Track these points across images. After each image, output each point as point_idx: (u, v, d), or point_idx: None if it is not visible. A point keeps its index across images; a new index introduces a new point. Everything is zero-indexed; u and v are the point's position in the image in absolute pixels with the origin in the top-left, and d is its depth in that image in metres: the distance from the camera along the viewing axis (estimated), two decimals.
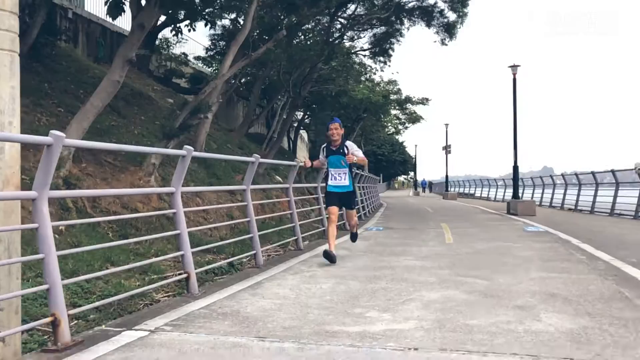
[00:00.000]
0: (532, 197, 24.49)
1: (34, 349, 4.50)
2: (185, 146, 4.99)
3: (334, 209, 7.07)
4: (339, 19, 18.77)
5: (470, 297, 4.86)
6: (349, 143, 7.10)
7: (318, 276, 5.92)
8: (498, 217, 16.30)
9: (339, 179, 7.02)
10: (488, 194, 36.93)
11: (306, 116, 29.47)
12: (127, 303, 5.57)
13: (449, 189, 42.41)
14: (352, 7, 18.48)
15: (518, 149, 19.14)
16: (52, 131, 3.29)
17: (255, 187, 7.44)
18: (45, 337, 4.91)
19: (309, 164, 7.54)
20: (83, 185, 9.30)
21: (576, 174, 21.55)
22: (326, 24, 18.60)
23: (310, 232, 9.62)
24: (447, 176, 42.37)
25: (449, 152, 40.21)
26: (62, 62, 14.52)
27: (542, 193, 25.19)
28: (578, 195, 20.67)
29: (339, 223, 9.67)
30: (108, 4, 11.92)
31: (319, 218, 10.18)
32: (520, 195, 20.88)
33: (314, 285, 5.37)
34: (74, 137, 9.13)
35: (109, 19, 13.20)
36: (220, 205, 9.25)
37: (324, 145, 7.25)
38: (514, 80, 19.28)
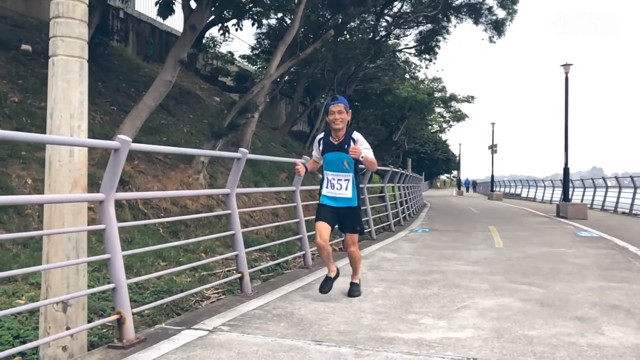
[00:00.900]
0: (582, 200, 23.71)
1: (94, 341, 4.69)
2: (240, 149, 5.06)
3: (323, 227, 4.79)
4: (385, 17, 18.63)
5: (527, 306, 4.74)
6: (357, 135, 4.78)
7: (368, 279, 5.89)
8: (547, 220, 15.83)
9: (338, 187, 4.80)
10: (535, 195, 35.95)
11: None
12: (179, 299, 5.71)
13: (494, 189, 41.52)
14: (398, 4, 18.33)
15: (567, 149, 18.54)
16: (119, 136, 3.39)
17: (304, 188, 7.46)
18: (104, 330, 5.10)
19: (302, 171, 4.90)
20: (135, 182, 9.58)
21: (631, 177, 20.71)
22: (372, 22, 18.49)
23: None
24: (492, 176, 41.50)
25: (495, 151, 39.36)
26: (115, 61, 14.97)
27: (594, 195, 24.32)
28: (633, 198, 19.86)
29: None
30: (158, 4, 12.22)
31: (365, 219, 10.13)
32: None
33: (364, 289, 5.35)
34: (127, 135, 9.41)
35: (158, 19, 13.53)
36: (270, 207, 9.32)
37: (320, 136, 4.99)
38: (566, 79, 18.67)
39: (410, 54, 22.68)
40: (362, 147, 4.67)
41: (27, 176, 7.75)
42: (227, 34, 14.38)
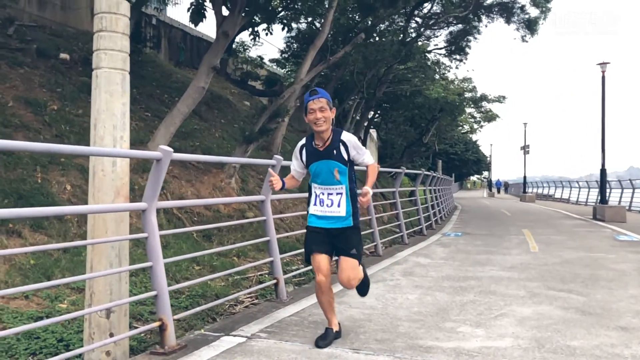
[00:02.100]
0: (619, 201, 23.08)
1: (133, 346, 4.79)
2: (275, 156, 5.10)
3: (321, 260, 3.77)
4: (415, 19, 18.51)
5: (567, 314, 4.65)
6: (347, 137, 3.81)
7: (402, 286, 5.87)
8: (584, 223, 15.46)
9: (329, 204, 3.80)
10: (569, 196, 35.14)
11: (376, 115, 29.36)
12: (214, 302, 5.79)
13: (526, 190, 40.75)
14: (428, 5, 18.18)
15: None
16: (161, 146, 3.47)
17: None
18: (142, 335, 5.21)
19: (278, 185, 3.86)
20: (169, 187, 9.76)
21: None
22: (401, 24, 18.39)
23: (388, 238, 9.56)
24: (525, 177, 40.73)
25: (528, 152, 38.62)
26: (148, 67, 15.27)
27: (632, 197, 23.61)
28: None
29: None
30: (190, 11, 12.43)
31: (397, 223, 10.08)
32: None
33: (400, 296, 5.33)
34: (162, 141, 9.61)
35: (190, 24, 13.75)
36: (302, 212, 9.35)
37: (302, 143, 3.97)
38: (603, 78, 18.21)
39: (440, 54, 22.50)
40: (359, 154, 3.79)
41: (67, 182, 7.97)
42: (257, 39, 14.50)
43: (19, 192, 6.95)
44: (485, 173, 74.29)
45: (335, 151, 3.74)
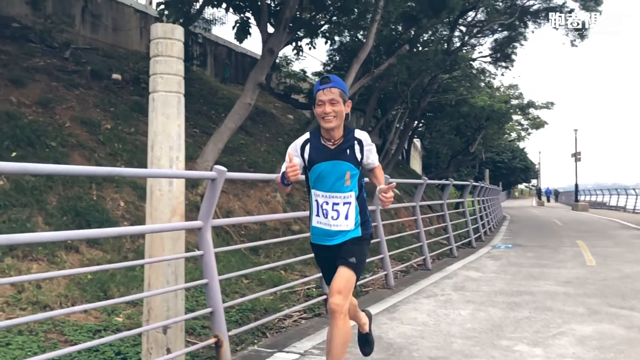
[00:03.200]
0: None
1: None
2: None
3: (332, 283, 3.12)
4: (459, 27, 18.29)
5: (630, 334, 4.45)
6: (361, 134, 3.20)
7: (454, 301, 5.76)
8: None
9: (334, 216, 3.14)
10: (625, 204, 33.66)
11: (420, 124, 29.08)
12: (264, 317, 5.84)
13: (579, 199, 39.34)
14: (472, 14, 17.93)
15: None
16: (215, 166, 3.56)
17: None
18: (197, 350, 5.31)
19: (297, 174, 3.07)
20: (218, 201, 9.96)
21: None
22: (445, 32, 18.22)
23: (437, 252, 9.41)
24: (576, 185, 39.36)
25: (579, 159, 37.35)
26: (195, 85, 15.69)
27: None
28: None
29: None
30: (235, 29, 12.72)
31: (445, 236, 9.92)
32: None
33: (451, 311, 5.24)
34: (210, 157, 9.83)
35: (234, 41, 14.07)
36: None
37: (305, 138, 3.24)
38: None
39: (485, 62, 22.13)
40: (371, 154, 3.19)
41: (120, 199, 8.25)
42: (300, 53, 14.67)
43: (76, 209, 7.23)
44: (534, 181, 72.22)
45: (348, 150, 3.06)
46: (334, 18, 12.51)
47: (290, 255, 9.16)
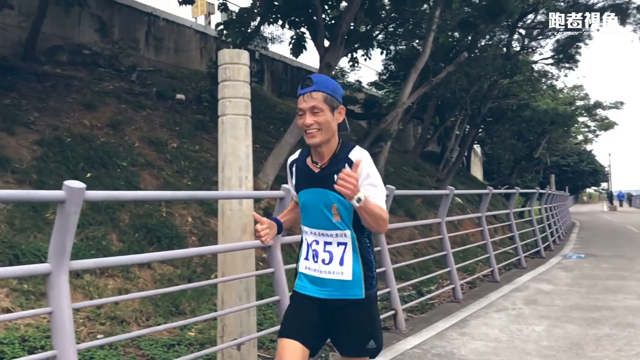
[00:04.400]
0: None
1: None
2: (388, 186, 5.10)
3: (290, 352, 2.28)
4: (518, 31, 17.80)
5: None
6: (358, 153, 2.36)
7: (526, 315, 5.56)
8: None
9: (325, 260, 2.37)
10: None
11: (480, 130, 28.36)
12: None
13: None
14: (531, 16, 17.42)
15: None
16: (284, 185, 3.62)
17: (450, 219, 7.30)
18: None
19: (268, 237, 2.46)
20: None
21: None
22: (502, 37, 17.78)
23: (505, 263, 9.11)
24: None
25: None
26: (254, 101, 15.91)
27: None
28: None
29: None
30: (291, 44, 12.93)
31: (513, 246, 9.61)
32: None
33: (525, 327, 5.06)
34: (271, 172, 10.00)
35: (289, 56, 14.30)
36: (420, 240, 9.08)
37: (294, 157, 2.59)
38: None
39: (547, 64, 21.39)
40: (363, 180, 2.25)
41: (188, 215, 8.53)
42: (356, 65, 14.73)
43: (147, 226, 7.53)
44: (604, 184, 68.76)
45: (336, 176, 2.18)
46: (390, 28, 12.50)
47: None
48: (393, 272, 5.30)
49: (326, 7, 10.69)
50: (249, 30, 11.95)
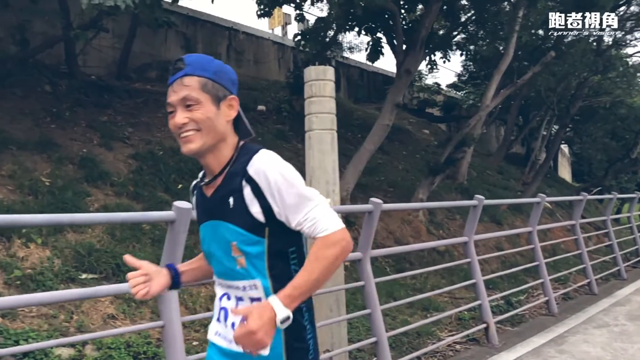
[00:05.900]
0: None
1: None
2: (476, 196, 4.97)
3: None
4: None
5: None
6: (261, 163, 1.56)
7: (631, 333, 5.18)
8: None
9: (236, 321, 1.56)
10: None
11: (567, 129, 26.85)
12: (417, 341, 5.77)
13: None
14: (624, 8, 16.28)
15: None
16: (372, 199, 3.62)
17: (541, 227, 6.97)
18: None
19: (144, 292, 1.63)
20: (359, 222, 10.08)
21: None
22: (592, 29, 16.74)
23: (603, 274, 8.53)
24: None
25: None
26: None
27: None
28: None
29: None
30: (368, 50, 12.92)
31: (612, 256, 9.01)
32: None
33: (630, 345, 4.71)
34: (351, 180, 10.02)
35: (365, 61, 14.30)
36: (510, 250, 8.71)
37: (199, 177, 1.78)
38: None
39: None
40: (289, 207, 1.55)
41: None
42: (434, 68, 14.47)
43: None
44: None
45: (232, 200, 1.58)
46: (470, 29, 12.18)
47: (437, 276, 8.96)
48: (484, 283, 5.13)
49: (403, 11, 10.59)
50: (326, 40, 12.09)
